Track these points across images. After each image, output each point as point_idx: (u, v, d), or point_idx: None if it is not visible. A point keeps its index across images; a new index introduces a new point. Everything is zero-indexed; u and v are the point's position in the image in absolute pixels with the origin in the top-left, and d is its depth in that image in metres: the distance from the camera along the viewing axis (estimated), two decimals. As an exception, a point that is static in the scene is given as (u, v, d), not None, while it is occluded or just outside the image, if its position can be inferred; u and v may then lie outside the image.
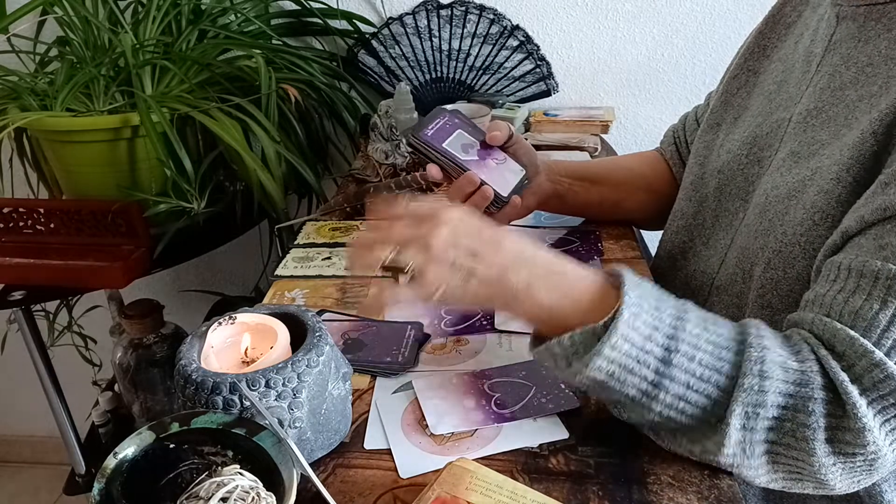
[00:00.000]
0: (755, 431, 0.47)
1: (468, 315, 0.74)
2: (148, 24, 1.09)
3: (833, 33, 0.65)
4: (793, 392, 0.47)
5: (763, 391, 0.46)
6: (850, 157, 0.55)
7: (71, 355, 1.39)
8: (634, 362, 0.48)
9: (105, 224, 1.00)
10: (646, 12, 1.31)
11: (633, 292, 0.49)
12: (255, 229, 1.22)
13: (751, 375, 0.47)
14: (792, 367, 0.48)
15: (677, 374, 0.48)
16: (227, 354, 0.57)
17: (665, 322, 0.49)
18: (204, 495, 0.41)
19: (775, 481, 0.49)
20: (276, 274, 0.85)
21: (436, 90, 1.39)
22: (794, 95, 0.68)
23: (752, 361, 0.47)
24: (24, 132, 1.18)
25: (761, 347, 0.48)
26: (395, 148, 1.12)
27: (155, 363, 1.09)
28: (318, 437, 0.55)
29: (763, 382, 0.46)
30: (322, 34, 1.38)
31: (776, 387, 0.47)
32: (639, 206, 0.90)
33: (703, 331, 0.49)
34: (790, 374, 0.47)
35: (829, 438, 0.46)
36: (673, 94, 1.38)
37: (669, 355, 0.48)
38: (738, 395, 0.47)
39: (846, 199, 0.55)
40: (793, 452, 0.47)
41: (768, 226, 0.62)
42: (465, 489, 0.46)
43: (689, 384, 0.48)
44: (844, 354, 0.48)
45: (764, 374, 0.47)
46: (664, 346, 0.48)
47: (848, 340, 0.48)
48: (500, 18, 1.33)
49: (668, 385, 0.48)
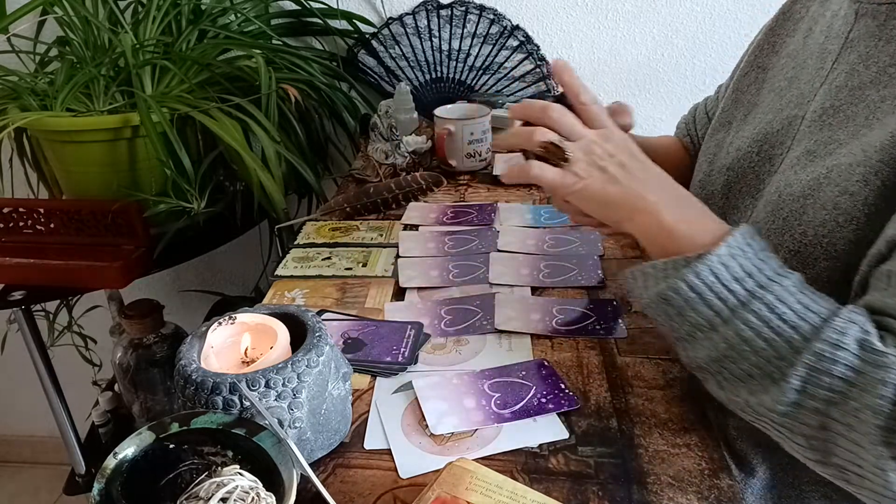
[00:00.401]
0: (814, 399, 0.45)
1: (468, 315, 0.75)
2: (148, 24, 1.09)
3: (850, 30, 0.63)
4: (865, 370, 0.44)
5: (833, 360, 0.45)
6: (878, 159, 0.54)
7: (71, 355, 1.39)
8: (713, 296, 0.49)
9: (105, 224, 1.00)
10: (646, 12, 1.31)
11: (743, 237, 0.51)
12: (255, 229, 1.22)
13: (825, 342, 0.45)
14: (872, 347, 0.45)
15: (752, 317, 0.47)
16: (227, 354, 0.57)
17: (764, 273, 0.49)
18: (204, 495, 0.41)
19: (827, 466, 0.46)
20: (276, 274, 0.85)
21: (436, 90, 1.39)
22: (806, 93, 0.67)
23: (832, 329, 0.46)
24: (24, 132, 1.18)
25: (849, 320, 0.46)
26: (395, 148, 1.12)
27: (155, 363, 1.09)
28: (318, 438, 0.55)
29: (836, 352, 0.45)
30: (322, 34, 1.38)
31: (848, 360, 0.45)
32: None
33: (800, 293, 0.49)
34: (868, 353, 0.45)
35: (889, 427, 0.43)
36: (673, 94, 1.38)
37: (751, 298, 0.48)
38: (805, 357, 0.45)
39: (874, 202, 0.54)
40: (852, 435, 0.44)
41: (783, 225, 0.61)
42: (465, 489, 0.46)
43: (759, 331, 0.47)
44: None
45: (839, 345, 0.45)
46: (752, 288, 0.48)
47: None
48: (500, 18, 1.33)
49: (738, 325, 0.48)
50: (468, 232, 0.92)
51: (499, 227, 0.94)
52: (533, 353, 0.69)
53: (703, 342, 0.50)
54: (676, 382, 0.64)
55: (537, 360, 0.67)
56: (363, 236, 0.93)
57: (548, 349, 0.69)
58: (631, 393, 0.63)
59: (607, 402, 0.61)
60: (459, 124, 1.09)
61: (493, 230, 0.92)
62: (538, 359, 0.68)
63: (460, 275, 0.83)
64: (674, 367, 0.66)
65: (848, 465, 0.45)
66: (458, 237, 0.91)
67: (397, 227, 0.95)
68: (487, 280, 0.81)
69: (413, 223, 0.96)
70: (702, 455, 0.55)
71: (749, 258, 0.50)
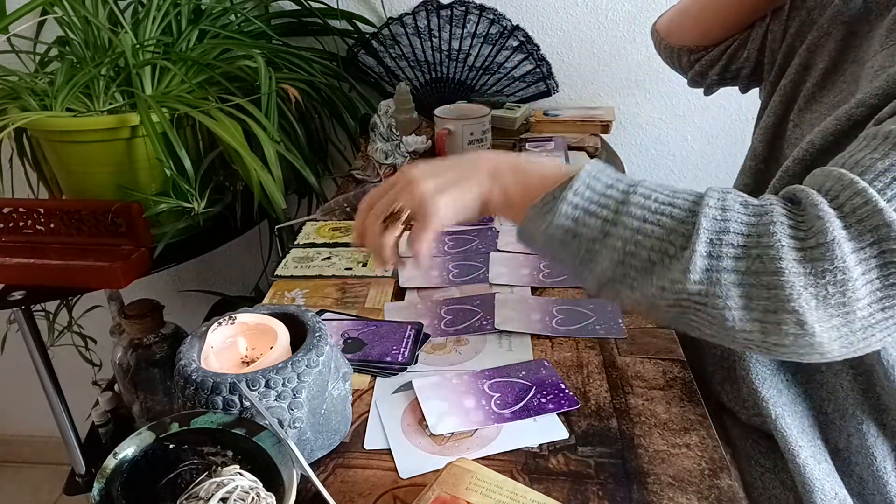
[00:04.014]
0: (721, 258, 0.46)
1: (468, 315, 0.75)
2: (148, 24, 1.09)
3: None
4: (754, 221, 0.47)
5: (725, 220, 0.47)
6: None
7: (71, 355, 1.39)
8: (596, 205, 0.51)
9: (105, 224, 1.00)
10: (646, 12, 1.31)
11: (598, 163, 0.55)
12: (255, 229, 1.22)
13: (712, 208, 0.48)
14: (751, 203, 0.49)
15: (634, 209, 0.50)
16: (226, 354, 0.57)
17: (625, 180, 0.53)
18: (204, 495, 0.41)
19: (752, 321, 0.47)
20: (276, 274, 0.85)
21: (436, 90, 1.39)
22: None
23: (712, 198, 0.49)
24: (24, 132, 1.18)
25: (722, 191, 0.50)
26: (395, 148, 1.12)
27: (155, 363, 1.09)
28: (317, 438, 0.55)
29: (724, 213, 0.47)
30: (322, 34, 1.38)
31: (737, 217, 0.47)
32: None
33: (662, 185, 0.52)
34: (749, 207, 0.48)
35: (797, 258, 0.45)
36: (673, 94, 1.38)
37: (627, 196, 0.51)
38: (700, 223, 0.47)
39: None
40: (763, 279, 0.45)
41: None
42: (465, 489, 0.46)
43: (646, 217, 0.50)
44: (831, 189, 0.47)
45: (725, 207, 0.48)
46: (623, 191, 0.51)
47: (836, 175, 0.48)
48: (500, 19, 1.33)
49: (625, 220, 0.50)
50: (468, 232, 0.92)
51: (499, 226, 0.94)
52: (533, 353, 0.69)
53: (603, 251, 0.51)
54: (676, 382, 0.64)
55: (537, 360, 0.67)
56: (363, 236, 0.93)
57: (548, 349, 0.69)
58: (631, 393, 0.63)
59: (607, 402, 0.61)
60: (459, 124, 1.09)
61: (493, 230, 0.92)
62: (538, 359, 0.68)
63: (460, 275, 0.83)
64: (674, 367, 0.66)
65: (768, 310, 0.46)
66: (458, 237, 0.91)
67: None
68: (487, 280, 0.81)
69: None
70: (702, 455, 0.55)
71: (608, 174, 0.53)
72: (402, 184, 0.61)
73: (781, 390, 0.71)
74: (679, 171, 1.47)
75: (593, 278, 0.52)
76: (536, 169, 0.59)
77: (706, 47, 0.92)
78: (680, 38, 0.94)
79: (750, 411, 0.73)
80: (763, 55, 0.87)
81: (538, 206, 0.54)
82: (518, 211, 0.57)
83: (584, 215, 0.51)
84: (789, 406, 0.70)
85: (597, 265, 0.51)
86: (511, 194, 0.58)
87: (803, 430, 0.69)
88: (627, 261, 0.50)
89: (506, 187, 0.59)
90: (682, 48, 0.94)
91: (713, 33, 0.90)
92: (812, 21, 0.80)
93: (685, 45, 0.94)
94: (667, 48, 0.97)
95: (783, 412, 0.69)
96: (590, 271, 0.52)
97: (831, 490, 0.65)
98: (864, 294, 0.44)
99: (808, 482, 0.65)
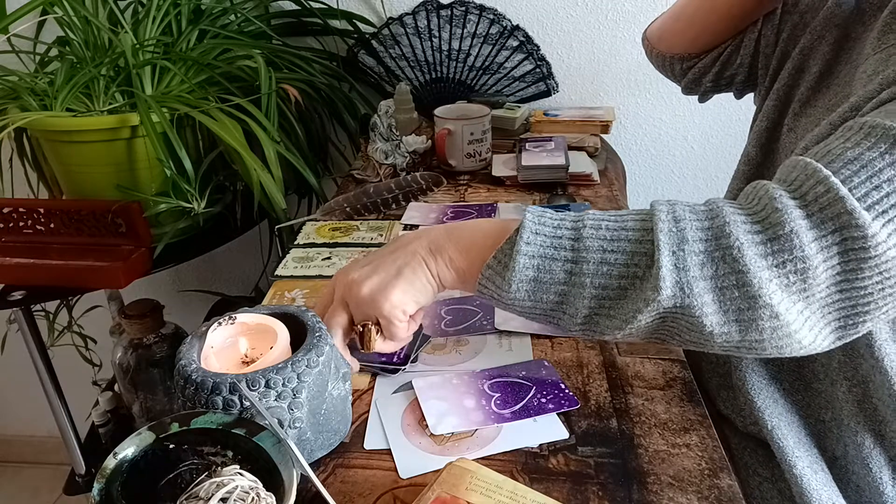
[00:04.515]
0: (688, 269, 0.46)
1: (468, 315, 0.74)
2: (148, 24, 1.09)
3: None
4: (707, 225, 0.47)
5: (681, 230, 0.47)
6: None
7: (71, 355, 1.39)
8: (551, 249, 0.51)
9: (105, 224, 1.00)
10: (646, 12, 1.31)
11: (534, 207, 0.54)
12: (255, 229, 1.22)
13: (664, 221, 0.48)
14: (699, 208, 0.49)
15: (590, 243, 0.50)
16: (226, 354, 0.57)
17: (568, 217, 0.53)
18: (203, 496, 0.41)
19: (728, 322, 0.47)
20: (276, 274, 0.85)
21: (436, 90, 1.39)
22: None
23: (661, 212, 0.49)
24: (24, 132, 1.18)
25: (667, 202, 0.50)
26: (395, 148, 1.12)
27: (155, 363, 1.09)
28: (317, 438, 0.55)
29: (678, 224, 0.48)
30: (322, 34, 1.38)
31: (690, 225, 0.48)
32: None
33: (604, 213, 0.53)
34: (699, 213, 0.48)
35: (758, 252, 0.45)
36: (673, 94, 1.38)
37: (579, 232, 0.51)
38: (659, 239, 0.47)
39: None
40: (731, 279, 0.46)
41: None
42: (465, 489, 0.46)
43: (604, 248, 0.49)
44: (796, 179, 0.48)
45: (676, 218, 0.48)
46: (572, 228, 0.51)
47: (802, 165, 0.48)
48: (500, 19, 1.33)
49: (585, 255, 0.50)
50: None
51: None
52: (533, 353, 0.69)
53: (573, 291, 0.51)
54: (676, 382, 0.64)
55: (537, 360, 0.67)
56: (363, 236, 0.93)
57: (548, 349, 0.69)
58: (631, 393, 0.63)
59: (607, 402, 0.62)
60: (459, 124, 1.09)
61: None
62: (538, 359, 0.68)
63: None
64: (674, 367, 0.66)
65: (742, 313, 0.47)
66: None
67: (397, 227, 0.95)
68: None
69: (413, 223, 0.96)
70: (702, 455, 0.55)
71: (549, 216, 0.53)
72: (344, 289, 0.59)
73: (777, 399, 0.70)
74: (679, 171, 1.47)
75: (570, 319, 0.52)
76: (470, 226, 0.58)
77: (698, 54, 0.91)
78: (670, 45, 0.93)
79: (747, 420, 0.73)
80: (756, 61, 0.86)
81: (493, 266, 0.53)
82: (470, 277, 0.56)
83: (543, 262, 0.51)
84: (786, 416, 0.69)
85: (570, 306, 0.51)
86: (458, 263, 0.57)
87: (800, 439, 0.68)
88: (600, 293, 0.50)
89: (450, 258, 0.57)
90: (673, 56, 0.93)
91: (704, 39, 0.89)
92: (805, 24, 0.79)
93: (676, 52, 0.93)
94: (658, 56, 0.96)
95: (779, 422, 0.69)
96: (565, 314, 0.52)
97: (828, 500, 0.65)
98: (825, 279, 0.45)
99: (805, 492, 0.65)
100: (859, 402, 0.65)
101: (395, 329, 0.58)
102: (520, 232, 0.51)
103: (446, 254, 0.57)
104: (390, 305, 0.57)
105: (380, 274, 0.58)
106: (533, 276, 0.51)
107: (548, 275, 0.51)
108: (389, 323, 0.58)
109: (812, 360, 0.69)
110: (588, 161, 1.13)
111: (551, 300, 0.52)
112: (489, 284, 0.53)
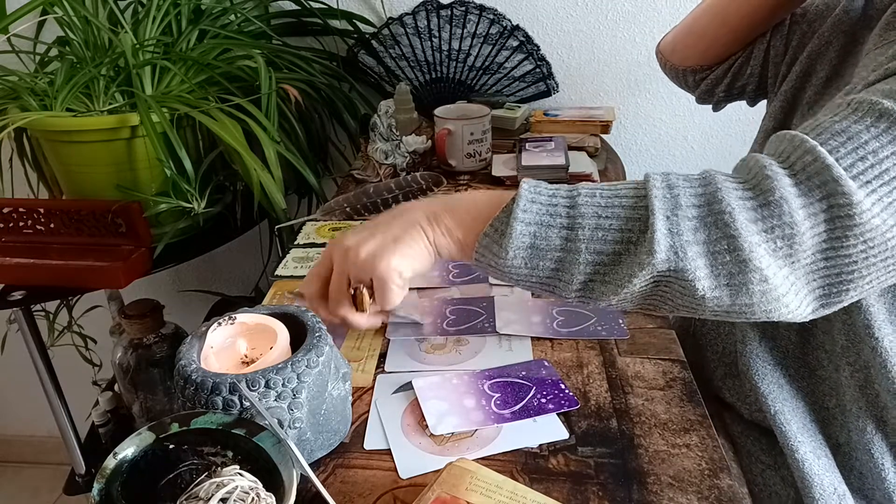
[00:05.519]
0: (682, 233, 0.48)
1: (472, 316, 0.74)
2: (148, 24, 1.09)
3: None
4: (700, 192, 0.49)
5: (675, 196, 0.49)
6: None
7: (71, 355, 1.39)
8: (547, 216, 0.52)
9: (105, 224, 1.00)
10: (646, 12, 1.31)
11: (530, 179, 0.55)
12: (255, 229, 1.22)
13: (658, 188, 0.49)
14: (692, 176, 0.50)
15: (585, 210, 0.51)
16: (226, 355, 0.57)
17: (563, 188, 0.54)
18: (203, 496, 0.41)
19: (720, 286, 0.48)
20: (276, 274, 0.85)
21: (436, 90, 1.39)
22: None
23: (656, 180, 0.50)
24: (24, 132, 1.18)
25: (662, 173, 0.51)
26: (395, 148, 1.12)
27: (155, 363, 1.09)
28: (317, 438, 0.55)
29: (672, 190, 0.49)
30: (322, 34, 1.38)
31: (684, 191, 0.49)
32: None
33: (600, 184, 0.54)
34: (692, 180, 0.50)
35: (749, 217, 0.47)
36: (673, 94, 1.38)
37: (574, 200, 0.52)
38: (653, 204, 0.48)
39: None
40: (723, 244, 0.47)
41: None
42: (465, 489, 0.46)
43: (599, 214, 0.50)
44: (784, 150, 0.49)
45: (670, 185, 0.49)
46: (567, 196, 0.52)
47: (790, 137, 0.49)
48: (500, 19, 1.33)
49: (581, 221, 0.50)
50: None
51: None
52: (533, 354, 0.69)
53: (569, 257, 0.51)
54: (676, 382, 0.64)
55: (537, 360, 0.67)
56: (363, 236, 0.93)
57: (548, 349, 0.69)
58: (631, 393, 0.63)
59: (607, 403, 0.61)
60: (459, 124, 1.09)
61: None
62: (538, 359, 0.68)
63: (460, 275, 0.83)
64: (674, 367, 0.66)
65: (734, 277, 0.47)
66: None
67: (397, 227, 0.95)
68: (487, 280, 0.81)
69: (413, 223, 0.96)
70: (702, 455, 0.55)
71: (545, 186, 0.54)
72: (341, 256, 0.60)
73: (783, 385, 0.71)
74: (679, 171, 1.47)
75: (566, 286, 0.52)
76: (467, 197, 0.59)
77: (710, 66, 0.93)
78: (683, 57, 0.95)
79: (752, 407, 0.73)
80: (766, 70, 0.87)
81: (490, 234, 0.54)
82: (467, 246, 0.57)
83: (539, 229, 0.52)
84: (790, 401, 0.70)
85: (566, 272, 0.52)
86: (456, 232, 0.58)
87: (804, 425, 0.69)
88: (595, 259, 0.51)
89: (448, 227, 0.58)
90: (686, 68, 0.95)
91: (715, 52, 0.91)
92: (813, 32, 0.80)
93: (689, 65, 0.94)
94: (672, 69, 0.98)
95: (783, 407, 0.69)
96: (561, 280, 0.53)
97: (830, 485, 0.65)
98: (811, 245, 0.46)
99: (807, 477, 0.66)
100: (861, 387, 0.66)
101: (388, 292, 0.59)
102: (516, 200, 0.52)
103: (444, 223, 0.58)
104: (387, 267, 0.57)
105: (377, 238, 0.59)
106: (529, 243, 0.52)
107: (544, 241, 0.51)
108: (384, 285, 0.58)
109: (816, 347, 0.70)
110: (588, 161, 1.13)
111: (548, 266, 0.52)
112: (486, 252, 0.54)
